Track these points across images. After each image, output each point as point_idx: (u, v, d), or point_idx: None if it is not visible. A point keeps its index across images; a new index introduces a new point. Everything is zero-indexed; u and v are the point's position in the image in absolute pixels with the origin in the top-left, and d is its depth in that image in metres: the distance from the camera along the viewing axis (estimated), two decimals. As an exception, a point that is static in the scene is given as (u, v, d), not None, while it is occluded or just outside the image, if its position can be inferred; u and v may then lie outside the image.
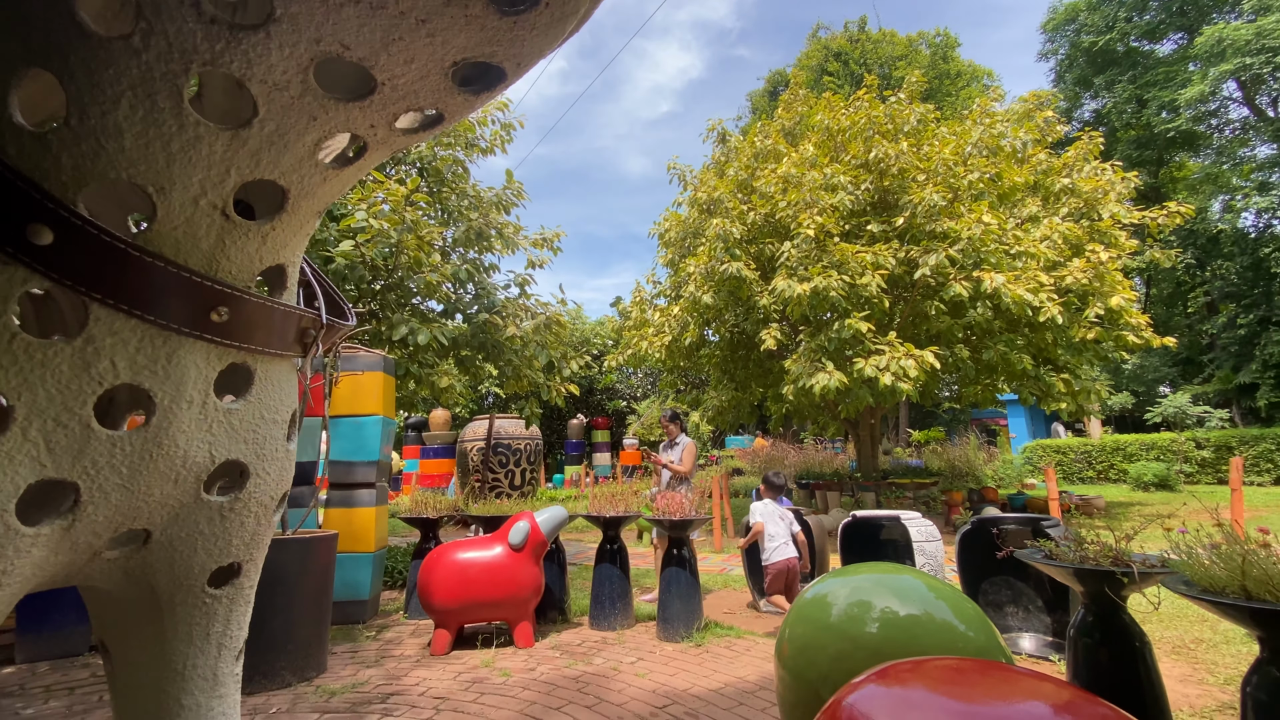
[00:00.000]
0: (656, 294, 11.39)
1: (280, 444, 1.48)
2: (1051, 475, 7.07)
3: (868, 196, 8.92)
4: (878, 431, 10.69)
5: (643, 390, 23.24)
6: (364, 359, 4.76)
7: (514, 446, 11.28)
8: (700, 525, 4.16)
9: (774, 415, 11.72)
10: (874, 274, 7.53)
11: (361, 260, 5.69)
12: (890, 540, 4.76)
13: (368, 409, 4.68)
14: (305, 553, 3.29)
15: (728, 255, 8.40)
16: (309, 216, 1.37)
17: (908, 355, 7.12)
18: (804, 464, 15.16)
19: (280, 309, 1.36)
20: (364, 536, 4.51)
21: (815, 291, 7.30)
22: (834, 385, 7.04)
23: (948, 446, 15.73)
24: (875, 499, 9.73)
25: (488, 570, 3.73)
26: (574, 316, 23.00)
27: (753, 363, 10.64)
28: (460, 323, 6.78)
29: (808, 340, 7.82)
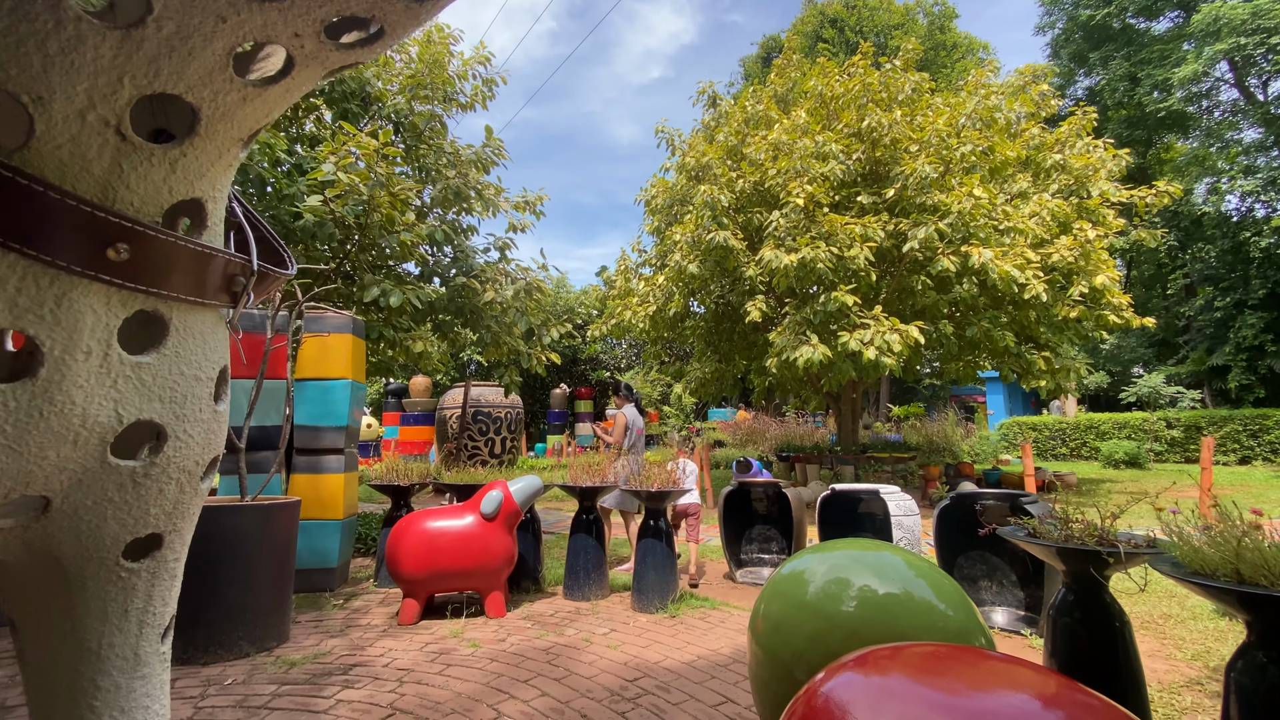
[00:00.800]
0: (642, 263, 11.18)
1: (205, 404, 1.32)
2: (1028, 452, 7.12)
3: (859, 167, 8.74)
4: (859, 406, 10.71)
5: (627, 361, 23.13)
6: (332, 320, 4.56)
7: (494, 415, 11.15)
8: (676, 496, 4.08)
9: (757, 388, 11.70)
10: (862, 246, 7.40)
11: (331, 217, 5.43)
12: (869, 514, 4.73)
13: (335, 372, 4.50)
14: (263, 520, 3.14)
15: (715, 224, 8.22)
16: (229, 144, 1.19)
17: (892, 330, 7.05)
18: (785, 437, 15.24)
19: (197, 249, 1.19)
20: (331, 503, 4.37)
21: (802, 262, 7.17)
22: (818, 358, 6.97)
23: (926, 422, 15.90)
24: (854, 473, 9.78)
25: (458, 539, 3.62)
26: (558, 285, 22.69)
27: (737, 335, 10.54)
28: (437, 286, 6.56)
29: (793, 313, 7.72)
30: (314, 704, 2.51)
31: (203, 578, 2.96)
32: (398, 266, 6.26)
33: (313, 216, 5.38)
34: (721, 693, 2.62)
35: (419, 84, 6.73)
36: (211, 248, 1.23)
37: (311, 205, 5.17)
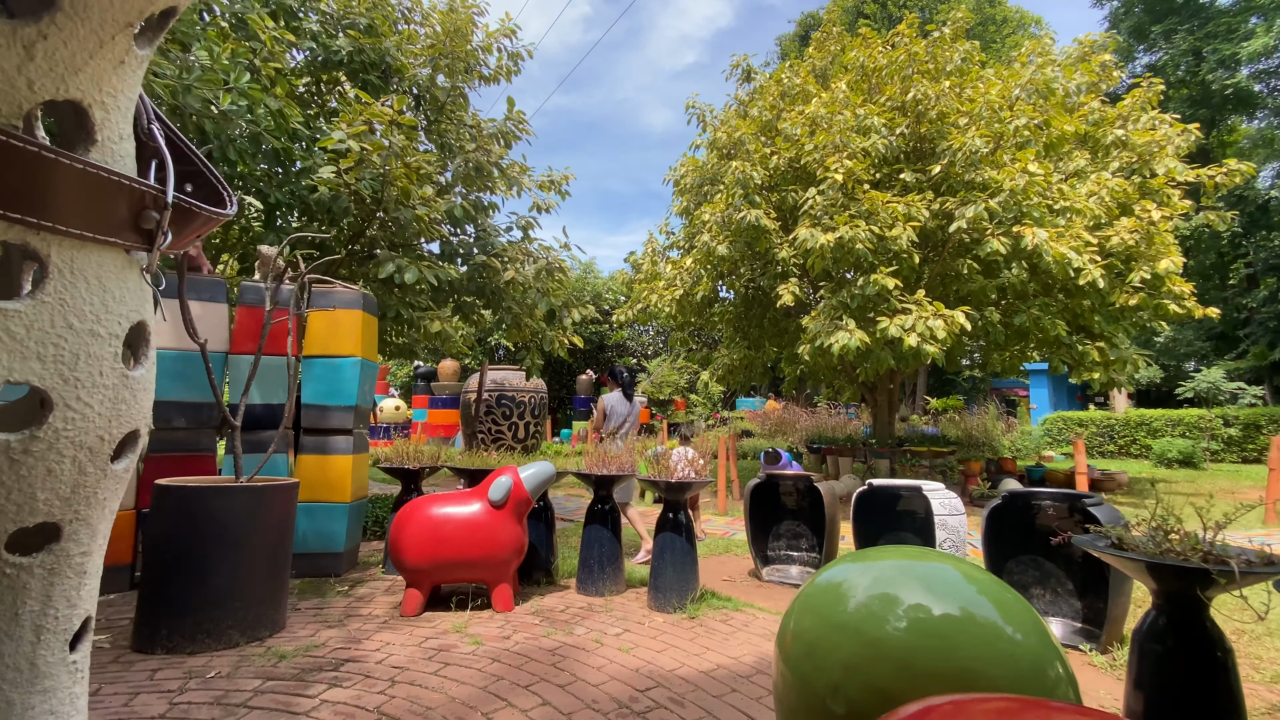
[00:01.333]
0: (669, 245, 10.83)
1: (108, 366, 1.08)
2: (1080, 449, 6.61)
3: (902, 142, 8.22)
4: (895, 397, 10.23)
5: (654, 347, 22.83)
6: (341, 295, 4.36)
7: (518, 399, 10.99)
8: (702, 488, 3.79)
9: (788, 377, 11.29)
10: (905, 226, 6.93)
11: (346, 189, 5.24)
12: (908, 512, 4.37)
13: (344, 349, 4.31)
14: (255, 503, 2.96)
15: (746, 203, 7.82)
16: (110, 28, 0.93)
17: (936, 315, 6.59)
18: (816, 428, 14.78)
19: (80, 168, 0.94)
20: (339, 485, 4.20)
21: (840, 243, 6.74)
22: (854, 345, 6.56)
23: (965, 416, 15.25)
24: (890, 466, 9.34)
25: (465, 527, 3.40)
26: (585, 270, 22.46)
27: (767, 320, 10.14)
28: (459, 266, 6.35)
29: (828, 296, 7.30)
30: (296, 704, 2.31)
31: (190, 563, 2.79)
32: (418, 244, 6.06)
33: (327, 189, 5.20)
34: (742, 709, 2.34)
35: (440, 53, 6.48)
36: (100, 167, 0.98)
37: (325, 177, 4.98)
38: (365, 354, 4.43)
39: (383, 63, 6.43)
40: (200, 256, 4.19)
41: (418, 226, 5.39)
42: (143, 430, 1.24)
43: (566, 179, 9.27)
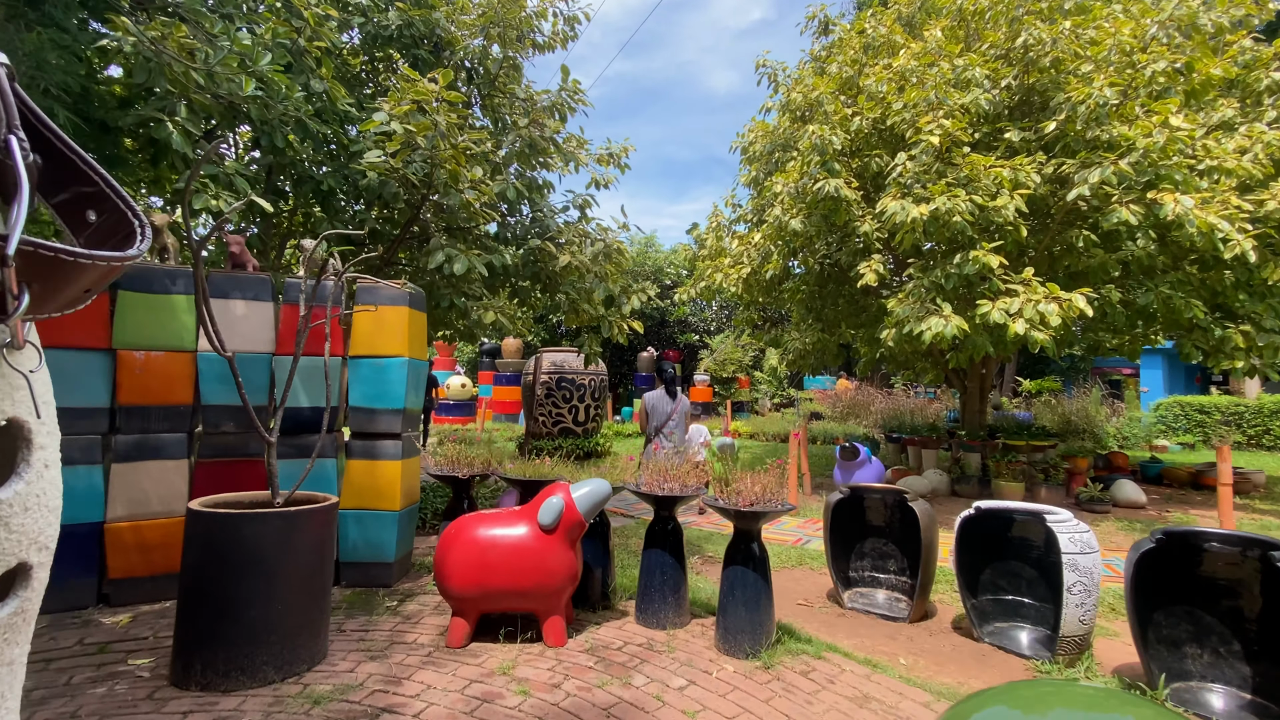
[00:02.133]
0: (736, 219, 10.14)
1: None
2: (1226, 455, 5.61)
3: (1006, 97, 7.19)
4: (989, 383, 9.28)
5: (717, 323, 22.15)
6: (385, 292, 4.09)
7: (578, 381, 10.73)
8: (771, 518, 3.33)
9: (864, 357, 10.49)
10: (1013, 194, 6.04)
11: (394, 174, 4.95)
12: (1025, 542, 3.74)
13: (391, 349, 4.05)
14: (290, 528, 2.72)
15: (824, 171, 7.06)
16: None
17: (1049, 298, 5.73)
18: (893, 412, 13.87)
19: None
20: (388, 493, 3.98)
21: (936, 215, 5.94)
22: (950, 332, 5.81)
23: (1063, 399, 13.90)
24: (980, 461, 8.50)
25: (512, 553, 3.08)
26: (645, 244, 21.92)
27: (843, 299, 9.36)
28: (514, 250, 6.02)
29: (919, 276, 6.52)
30: (320, 777, 2.05)
31: (221, 594, 2.59)
32: (474, 228, 5.75)
33: (375, 175, 4.93)
34: (837, 823, 1.89)
35: (491, 21, 6.05)
36: None
37: (371, 161, 4.69)
38: (413, 353, 4.16)
39: (433, 35, 6.07)
40: (244, 252, 4.00)
41: (468, 212, 5.05)
42: (36, 560, 0.90)
43: (626, 151, 8.72)
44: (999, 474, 7.91)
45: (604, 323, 7.17)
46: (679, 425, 6.15)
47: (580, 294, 6.71)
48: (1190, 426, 13.62)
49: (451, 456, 4.04)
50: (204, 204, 3.87)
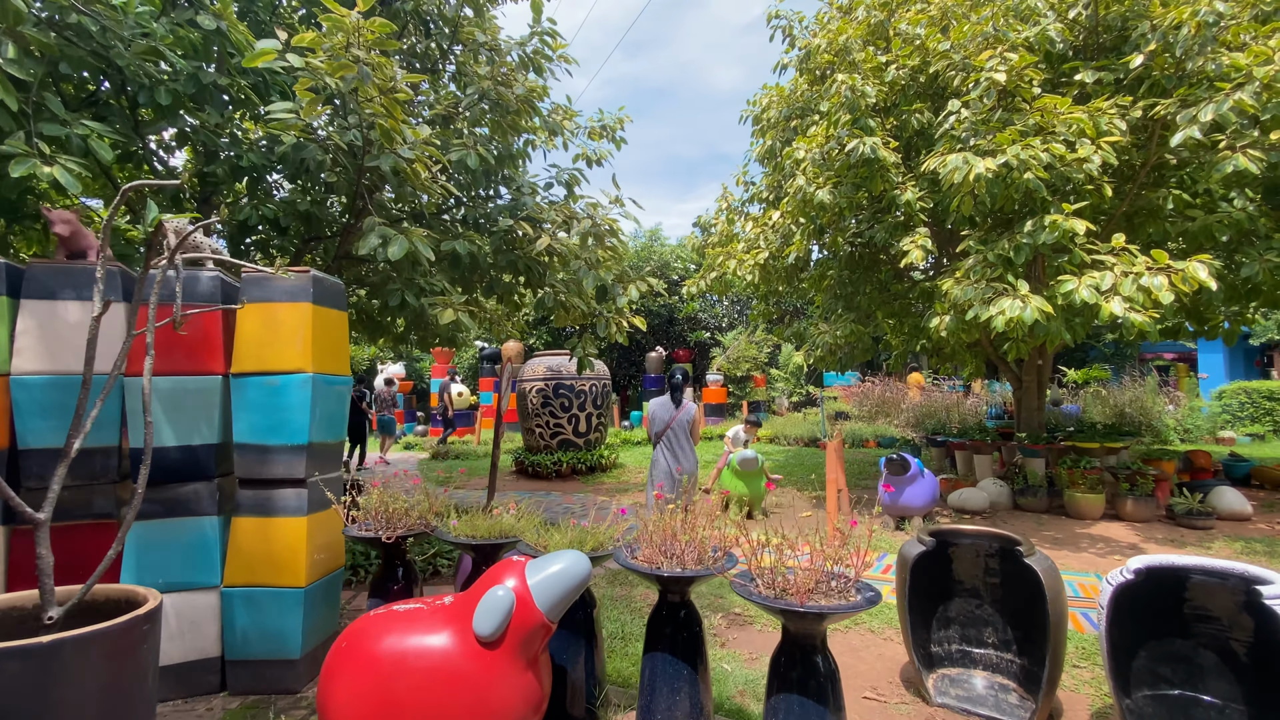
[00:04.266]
0: (749, 198, 8.96)
1: None
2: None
3: (1070, 36, 5.97)
4: (1046, 375, 8.04)
5: (729, 319, 20.95)
6: (280, 284, 2.97)
7: (577, 388, 9.61)
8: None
9: (896, 351, 9.27)
10: (1097, 143, 4.84)
11: (312, 136, 3.85)
12: (1203, 616, 2.55)
13: (288, 362, 2.93)
14: (51, 672, 1.61)
15: (857, 129, 5.88)
16: None
17: (1155, 269, 4.52)
18: (927, 408, 12.61)
19: None
20: (289, 562, 2.87)
21: (1004, 170, 4.75)
22: (1030, 317, 4.61)
23: (1112, 389, 12.57)
24: (1045, 469, 7.27)
25: (433, 682, 1.95)
26: (651, 238, 20.76)
27: (875, 285, 8.16)
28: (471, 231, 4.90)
29: (979, 249, 5.32)
30: None
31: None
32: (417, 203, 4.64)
33: (285, 135, 3.83)
34: None
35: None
36: None
37: (277, 117, 3.58)
38: (323, 366, 3.04)
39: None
40: (78, 233, 2.91)
41: (414, 183, 3.93)
42: None
43: (621, 123, 7.61)
44: (1071, 484, 6.67)
45: (599, 320, 6.06)
46: (681, 436, 5.05)
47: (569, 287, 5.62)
48: (1258, 415, 12.26)
49: (374, 508, 2.91)
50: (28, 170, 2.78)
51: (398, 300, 4.46)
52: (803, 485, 8.56)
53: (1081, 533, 5.95)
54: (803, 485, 8.56)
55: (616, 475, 9.60)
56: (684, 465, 5.02)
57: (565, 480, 9.33)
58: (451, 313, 4.17)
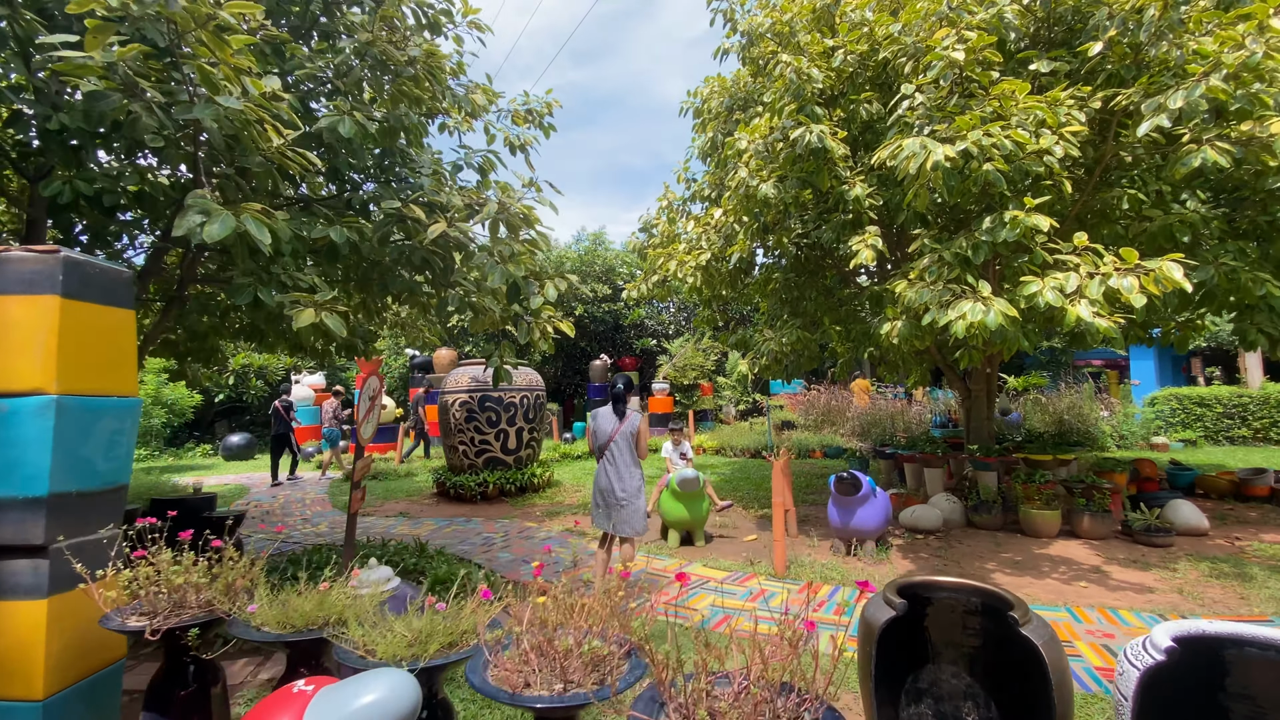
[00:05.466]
0: (690, 196, 8.39)
1: None
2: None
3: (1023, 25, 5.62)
4: (994, 384, 7.74)
5: (675, 326, 20.44)
6: (11, 269, 2.10)
7: (505, 400, 8.76)
8: None
9: (842, 359, 8.85)
10: (1060, 134, 4.43)
11: (115, 84, 2.97)
12: (1244, 696, 2.01)
13: (15, 380, 2.06)
14: None
15: (802, 117, 5.35)
16: None
17: (1124, 270, 4.12)
18: (872, 418, 12.33)
19: None
20: (19, 664, 1.99)
21: (963, 160, 4.28)
22: (994, 321, 4.13)
23: (1052, 396, 12.63)
24: (997, 481, 6.91)
25: None
26: (595, 241, 20.07)
27: (821, 290, 7.70)
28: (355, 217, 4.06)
29: (935, 247, 4.84)
30: None
31: None
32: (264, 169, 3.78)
33: (83, 82, 2.94)
34: None
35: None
36: None
37: (61, 54, 2.69)
38: (80, 383, 2.18)
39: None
40: None
41: (248, 144, 3.09)
42: None
43: (551, 107, 6.90)
44: (1026, 499, 6.31)
45: (520, 325, 5.31)
46: (624, 451, 4.37)
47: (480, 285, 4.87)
48: (1189, 421, 12.54)
49: (144, 586, 2.07)
50: None
51: (247, 297, 3.59)
52: (749, 502, 7.99)
53: (1041, 553, 5.55)
54: (749, 502, 7.99)
55: (550, 495, 8.79)
56: (625, 484, 4.33)
57: (491, 503, 8.46)
58: (312, 314, 3.35)
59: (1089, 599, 4.36)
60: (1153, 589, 4.58)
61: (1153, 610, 4.11)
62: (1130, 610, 4.11)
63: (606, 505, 4.36)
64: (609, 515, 4.35)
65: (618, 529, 4.33)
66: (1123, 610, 4.11)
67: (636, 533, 4.32)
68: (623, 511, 4.30)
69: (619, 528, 4.32)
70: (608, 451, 4.38)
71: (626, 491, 4.32)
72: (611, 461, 4.38)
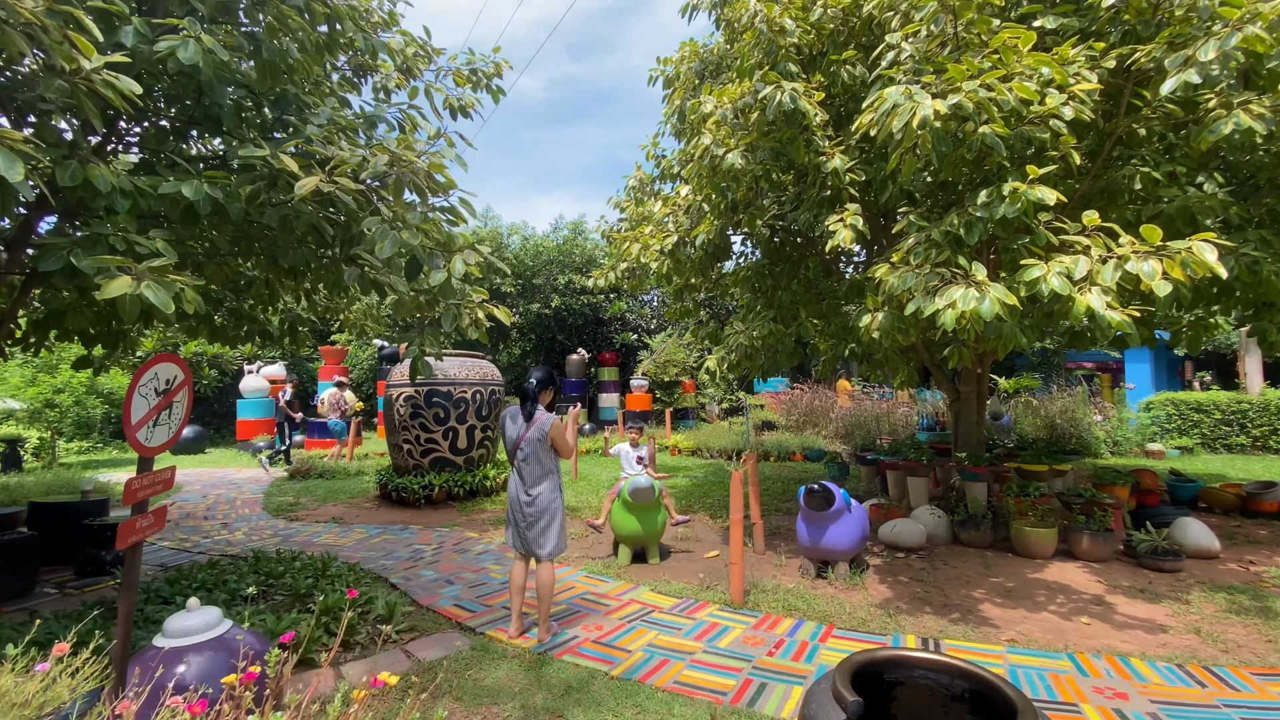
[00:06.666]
0: (659, 174, 7.68)
1: None
2: None
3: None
4: (985, 385, 7.09)
5: (659, 321, 19.74)
6: None
7: (455, 395, 8.03)
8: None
9: (825, 357, 8.18)
10: (1069, 91, 3.76)
11: None
12: None
13: None
14: None
15: (774, 74, 4.65)
16: None
17: (1145, 253, 3.46)
18: (857, 419, 11.68)
19: None
20: None
21: (956, 119, 3.59)
22: (989, 310, 3.45)
23: (1044, 400, 12.05)
24: (986, 493, 6.27)
25: None
26: (574, 230, 19.30)
27: (801, 280, 7.02)
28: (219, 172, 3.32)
29: (923, 225, 4.17)
30: None
31: None
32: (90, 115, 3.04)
33: None
34: None
35: None
36: None
37: None
38: None
39: None
40: None
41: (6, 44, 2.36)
42: None
43: (500, 67, 6.20)
44: (1020, 514, 5.67)
45: (447, 311, 4.61)
46: (535, 458, 3.67)
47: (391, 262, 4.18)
48: (1185, 427, 11.99)
49: None
50: None
51: (58, 262, 2.85)
52: (717, 510, 7.31)
53: (1035, 578, 4.91)
54: (717, 510, 7.31)
55: (502, 500, 8.07)
56: (535, 496, 3.63)
57: (437, 508, 7.73)
58: (127, 283, 2.61)
59: (1093, 641, 3.70)
60: (1165, 627, 3.93)
61: (1169, 658, 3.46)
62: (1142, 658, 3.46)
63: (515, 520, 3.68)
64: (519, 532, 3.67)
65: (529, 548, 3.64)
66: (1134, 658, 3.45)
67: (550, 553, 3.63)
68: (533, 528, 3.62)
69: (530, 546, 3.64)
70: (516, 458, 3.69)
71: (536, 505, 3.63)
72: (519, 472, 3.69)
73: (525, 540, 3.65)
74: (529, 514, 3.62)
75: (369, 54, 5.22)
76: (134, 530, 2.12)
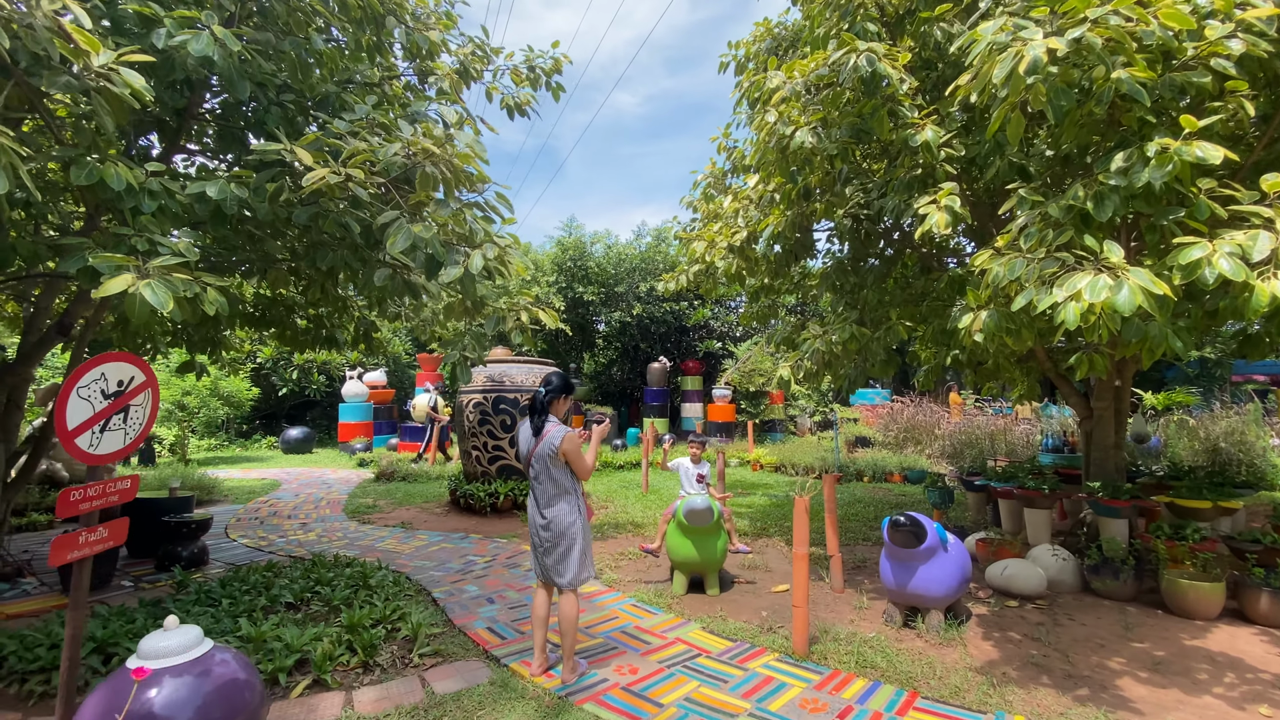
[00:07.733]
0: (731, 168, 7.14)
1: None
2: None
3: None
4: (1126, 400, 5.90)
5: (744, 328, 18.97)
6: None
7: (522, 402, 7.88)
8: None
9: (926, 366, 7.20)
10: (1236, 20, 2.88)
11: None
12: None
13: None
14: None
15: (849, 35, 4.02)
16: None
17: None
18: (967, 437, 10.39)
19: None
20: None
21: (1075, 60, 2.83)
22: (1129, 302, 2.65)
23: (1202, 418, 10.13)
24: (1128, 532, 5.14)
25: None
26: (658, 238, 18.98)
27: (895, 279, 6.20)
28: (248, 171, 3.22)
29: (1036, 200, 3.38)
30: None
31: None
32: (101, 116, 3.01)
33: None
34: None
35: None
36: None
37: None
38: None
39: None
40: None
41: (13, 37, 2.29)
42: None
43: (560, 64, 5.97)
44: (1174, 561, 4.56)
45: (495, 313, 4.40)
46: (546, 476, 3.27)
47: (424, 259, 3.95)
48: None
49: None
50: None
51: (78, 263, 2.82)
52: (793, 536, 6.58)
53: (1194, 646, 3.86)
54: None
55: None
56: (550, 518, 3.25)
57: (502, 516, 7.59)
58: (127, 280, 2.51)
59: (1287, 747, 2.75)
60: (1400, 735, 2.87)
61: None
62: (1369, 781, 2.49)
63: (533, 544, 3.32)
64: (538, 558, 3.29)
65: (548, 575, 3.26)
66: (1356, 782, 2.49)
67: (571, 582, 3.22)
68: (550, 554, 3.23)
69: (548, 574, 3.25)
70: (530, 475, 3.33)
71: (552, 529, 3.23)
72: (532, 488, 3.33)
73: (544, 567, 3.27)
74: (545, 538, 3.24)
75: (426, 56, 5.12)
76: (73, 544, 1.94)
